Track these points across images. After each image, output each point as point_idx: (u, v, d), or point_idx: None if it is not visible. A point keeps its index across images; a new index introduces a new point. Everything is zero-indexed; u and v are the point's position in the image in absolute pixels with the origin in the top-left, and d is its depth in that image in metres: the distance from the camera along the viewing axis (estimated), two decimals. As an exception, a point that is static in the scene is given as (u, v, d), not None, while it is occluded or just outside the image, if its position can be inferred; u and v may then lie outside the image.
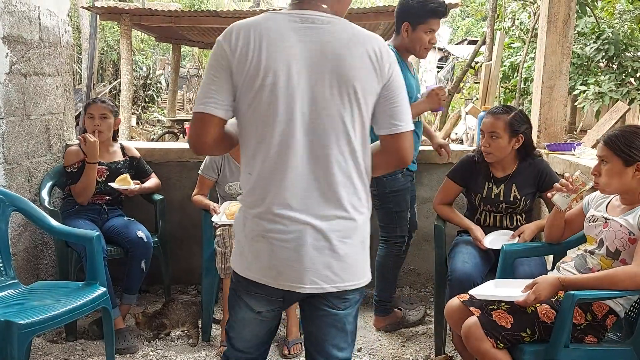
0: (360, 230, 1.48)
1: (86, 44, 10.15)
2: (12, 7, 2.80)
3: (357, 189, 1.45)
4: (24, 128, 2.95)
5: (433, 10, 2.65)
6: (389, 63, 1.44)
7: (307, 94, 1.39)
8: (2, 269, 2.43)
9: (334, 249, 1.42)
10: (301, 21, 1.42)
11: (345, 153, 1.42)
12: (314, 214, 1.41)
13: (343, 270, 1.44)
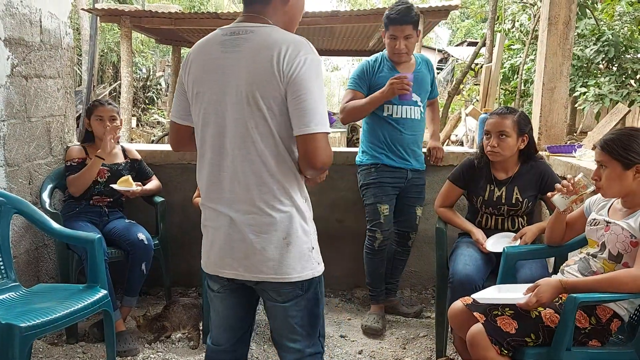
0: (280, 227, 1.54)
1: (86, 45, 10.16)
2: (14, 10, 2.80)
3: (271, 187, 1.54)
4: (25, 130, 2.95)
5: (388, 17, 2.88)
6: (294, 65, 1.46)
7: (221, 103, 1.54)
8: (3, 272, 2.42)
9: (249, 242, 1.55)
10: (230, 34, 1.55)
11: (253, 155, 1.53)
12: (234, 208, 1.56)
13: (261, 262, 1.56)
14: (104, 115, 3.04)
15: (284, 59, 1.46)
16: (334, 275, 3.62)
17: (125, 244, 2.93)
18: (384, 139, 3.00)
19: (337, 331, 3.07)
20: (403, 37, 2.86)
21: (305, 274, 1.58)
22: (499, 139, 2.53)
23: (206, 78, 1.56)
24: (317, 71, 1.50)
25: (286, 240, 1.55)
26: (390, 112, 2.98)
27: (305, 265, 1.58)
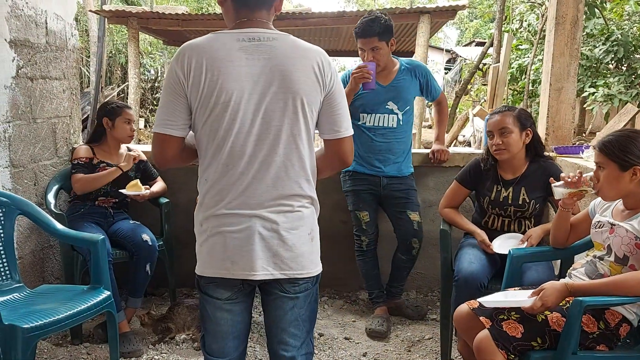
0: (307, 221, 1.61)
1: (94, 47, 10.21)
2: (19, 12, 2.81)
3: (302, 187, 1.60)
4: (31, 131, 2.96)
5: (354, 31, 2.99)
6: (331, 74, 1.59)
7: (258, 109, 1.53)
8: (7, 273, 2.43)
9: (282, 239, 1.56)
10: (248, 40, 1.54)
11: (293, 159, 1.57)
12: (263, 208, 1.56)
13: (292, 259, 1.58)
14: (131, 118, 3.10)
15: (322, 68, 1.57)
16: (339, 277, 3.61)
17: (130, 245, 2.93)
18: (358, 147, 3.03)
19: (341, 333, 3.06)
20: (369, 50, 2.91)
21: (318, 268, 1.66)
22: (502, 136, 2.53)
23: (236, 86, 1.51)
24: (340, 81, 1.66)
25: (311, 235, 1.62)
26: (364, 121, 3.05)
27: (318, 260, 1.67)
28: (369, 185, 3.10)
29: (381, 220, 3.24)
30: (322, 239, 1.72)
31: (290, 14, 8.64)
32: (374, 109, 3.01)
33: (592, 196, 2.15)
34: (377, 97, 2.99)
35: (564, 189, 2.12)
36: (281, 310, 1.64)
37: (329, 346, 2.90)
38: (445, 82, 20.30)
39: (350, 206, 3.17)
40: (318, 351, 2.84)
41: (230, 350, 1.69)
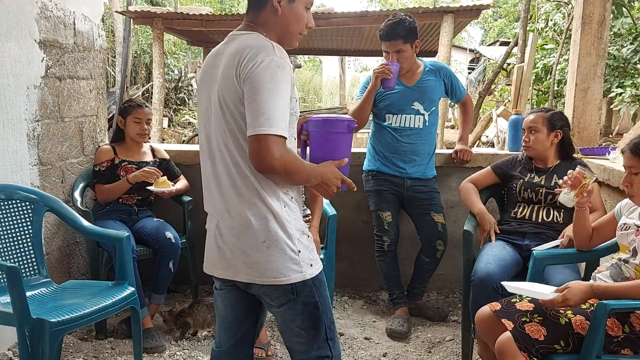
0: (257, 230, 1.54)
1: (120, 47, 10.35)
2: (48, 13, 2.88)
3: (244, 191, 1.55)
4: (58, 130, 3.02)
5: (379, 34, 3.00)
6: (249, 66, 1.46)
7: (207, 111, 1.60)
8: (35, 268, 2.49)
9: (233, 244, 1.58)
10: (224, 42, 1.62)
11: (228, 160, 1.56)
12: (218, 211, 1.61)
13: (247, 265, 1.56)
14: (143, 118, 3.11)
15: (243, 61, 1.47)
16: (359, 277, 3.61)
17: (153, 242, 2.98)
18: (382, 147, 3.10)
19: (361, 333, 3.06)
20: (394, 52, 2.91)
21: (292, 277, 1.55)
22: (530, 134, 2.69)
23: (200, 88, 1.64)
24: (273, 72, 1.45)
25: (266, 244, 1.54)
26: (390, 121, 3.06)
27: (292, 268, 1.55)
28: (392, 186, 3.10)
29: (401, 221, 3.23)
30: (342, 239, 1.72)
31: (313, 13, 8.65)
32: (401, 109, 3.02)
33: (617, 198, 2.12)
34: (403, 98, 3.01)
35: (569, 194, 2.14)
36: (279, 319, 1.67)
37: (349, 346, 2.90)
38: (469, 82, 20.11)
39: (373, 206, 3.17)
40: (338, 350, 2.85)
41: (221, 341, 1.78)
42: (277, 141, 1.43)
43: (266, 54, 1.47)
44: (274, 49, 1.50)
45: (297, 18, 1.62)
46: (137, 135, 3.12)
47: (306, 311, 1.60)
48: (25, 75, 2.71)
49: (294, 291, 1.57)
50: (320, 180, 1.57)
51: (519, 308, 1.99)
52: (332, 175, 1.60)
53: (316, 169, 1.58)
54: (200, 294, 3.41)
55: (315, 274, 1.60)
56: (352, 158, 3.46)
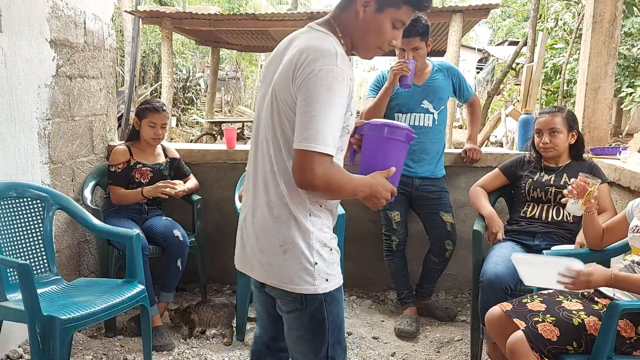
0: (276, 232, 1.49)
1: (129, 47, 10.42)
2: (59, 12, 2.90)
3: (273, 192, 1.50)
4: (69, 129, 3.04)
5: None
6: (308, 72, 1.37)
7: (263, 95, 1.54)
8: (46, 265, 2.51)
9: (251, 240, 1.56)
10: (302, 29, 1.54)
11: (266, 157, 1.51)
12: (248, 206, 1.59)
13: (264, 264, 1.54)
14: (158, 122, 3.10)
15: (301, 65, 1.39)
16: (367, 277, 3.61)
17: (162, 240, 2.99)
18: None
19: (369, 332, 3.05)
20: (411, 50, 2.89)
21: (303, 288, 1.49)
22: (550, 136, 2.65)
23: (267, 69, 1.57)
24: (329, 85, 1.36)
25: (282, 248, 1.49)
26: (400, 120, 3.03)
27: (305, 278, 1.48)
28: (400, 185, 3.06)
29: (410, 220, 3.22)
30: (351, 238, 1.70)
31: (322, 13, 8.65)
32: (410, 108, 3.02)
33: (628, 198, 2.10)
34: (412, 96, 3.00)
35: (577, 204, 2.14)
36: (286, 325, 1.61)
37: (357, 345, 2.90)
38: (477, 82, 20.04)
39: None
40: (346, 350, 2.85)
41: (262, 332, 1.79)
42: (321, 159, 1.36)
43: (325, 62, 1.38)
44: (336, 57, 1.39)
45: (379, 30, 1.49)
46: (150, 140, 3.13)
47: (312, 325, 1.54)
48: (36, 74, 2.73)
49: (303, 302, 1.51)
50: (369, 193, 1.51)
51: (530, 308, 1.98)
52: (382, 187, 1.53)
53: (365, 183, 1.50)
54: (208, 293, 3.42)
55: (329, 290, 1.52)
56: (361, 157, 3.50)
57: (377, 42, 1.51)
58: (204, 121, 12.52)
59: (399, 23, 1.49)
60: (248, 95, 21.88)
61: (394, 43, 1.53)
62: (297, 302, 1.52)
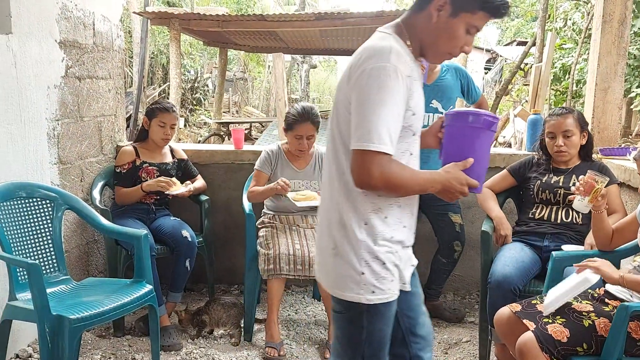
0: (331, 236, 1.49)
1: (137, 48, 10.45)
2: (69, 13, 2.91)
3: (328, 196, 1.53)
4: (78, 129, 3.06)
5: None
6: (360, 71, 1.37)
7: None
8: (55, 265, 2.52)
9: (318, 238, 1.59)
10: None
11: (330, 156, 1.51)
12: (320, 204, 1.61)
13: (320, 262, 1.57)
14: (167, 122, 3.11)
15: (356, 65, 1.39)
16: (376, 277, 3.60)
17: (170, 240, 3.00)
18: None
19: (377, 333, 3.05)
20: None
21: (347, 295, 1.47)
22: (565, 139, 2.62)
23: None
24: (382, 82, 1.34)
25: (334, 251, 1.48)
26: None
27: (350, 286, 1.46)
28: None
29: (418, 221, 3.19)
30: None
31: (329, 14, 8.65)
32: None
33: (638, 198, 2.08)
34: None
35: (583, 201, 2.14)
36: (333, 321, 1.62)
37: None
38: (485, 82, 19.96)
39: None
40: (354, 350, 2.84)
41: None
42: (377, 158, 1.34)
43: (378, 60, 1.36)
44: (390, 54, 1.36)
45: (451, 35, 1.45)
46: (159, 140, 3.14)
47: (348, 330, 1.53)
48: (45, 75, 2.75)
49: (346, 307, 1.49)
50: (441, 188, 1.47)
51: (540, 309, 1.97)
52: (457, 181, 1.48)
53: (435, 179, 1.47)
54: (216, 292, 3.43)
55: (375, 303, 1.46)
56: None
57: (448, 48, 1.48)
58: (212, 122, 12.55)
59: (473, 29, 1.45)
60: (256, 96, 21.91)
61: (465, 49, 1.49)
62: (342, 305, 1.51)
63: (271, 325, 2.78)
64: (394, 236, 1.49)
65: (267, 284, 2.80)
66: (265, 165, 2.97)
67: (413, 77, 1.42)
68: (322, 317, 3.17)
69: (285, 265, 2.71)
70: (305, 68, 18.48)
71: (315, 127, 2.88)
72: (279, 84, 8.41)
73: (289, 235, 2.85)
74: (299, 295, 3.52)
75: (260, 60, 21.01)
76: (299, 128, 2.84)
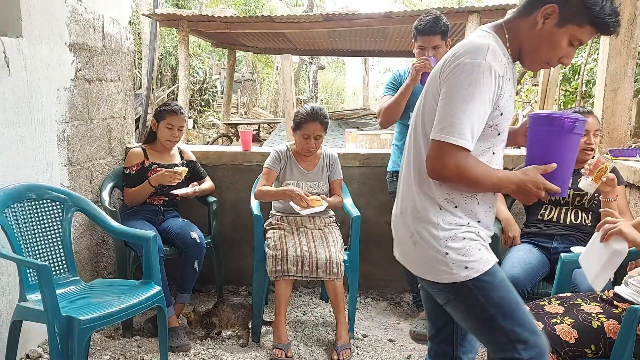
0: (407, 224, 1.54)
1: (146, 50, 10.51)
2: (78, 16, 2.94)
3: (410, 183, 1.56)
4: (87, 131, 3.08)
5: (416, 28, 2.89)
6: (454, 65, 1.40)
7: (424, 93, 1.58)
8: (65, 267, 2.54)
9: (394, 231, 1.65)
10: None
11: (411, 145, 1.57)
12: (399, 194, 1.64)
13: (402, 253, 1.62)
14: (175, 124, 3.13)
15: (450, 60, 1.42)
16: (383, 279, 3.60)
17: (179, 242, 3.01)
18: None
19: (385, 335, 3.04)
20: (431, 48, 2.88)
21: (443, 277, 1.48)
22: (594, 138, 2.62)
23: None
24: (474, 79, 1.35)
25: (412, 239, 1.52)
26: None
27: (440, 268, 1.47)
28: None
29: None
30: (366, 240, 1.72)
31: (337, 15, 8.65)
32: None
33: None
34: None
35: (588, 180, 2.25)
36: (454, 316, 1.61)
37: (373, 347, 2.89)
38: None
39: None
40: (361, 352, 2.84)
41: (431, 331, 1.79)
42: (454, 151, 1.36)
43: (474, 56, 1.37)
44: (487, 52, 1.37)
45: (554, 45, 1.44)
46: (166, 141, 3.16)
47: (472, 313, 1.50)
48: (55, 78, 2.77)
49: (450, 290, 1.49)
50: (516, 188, 1.46)
51: (548, 310, 1.96)
52: (533, 185, 1.46)
53: (511, 179, 1.45)
54: (224, 293, 3.44)
55: (474, 277, 1.46)
56: (376, 159, 3.50)
57: (548, 57, 1.47)
58: (221, 123, 12.59)
59: (577, 42, 1.44)
60: (264, 97, 21.95)
61: (564, 60, 1.47)
62: (446, 292, 1.50)
63: (279, 327, 2.79)
64: (470, 222, 1.51)
65: (275, 285, 2.81)
66: (275, 164, 2.98)
67: (506, 77, 1.41)
68: (330, 319, 3.17)
69: (292, 266, 2.72)
70: (314, 69, 18.49)
71: (323, 127, 2.89)
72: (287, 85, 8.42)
73: (297, 237, 2.85)
74: (306, 297, 3.53)
75: (269, 61, 21.05)
76: (307, 127, 2.86)
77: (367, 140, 6.57)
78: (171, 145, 3.20)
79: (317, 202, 2.79)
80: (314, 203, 2.79)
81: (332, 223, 3.03)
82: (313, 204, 2.78)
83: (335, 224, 3.04)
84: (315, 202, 2.80)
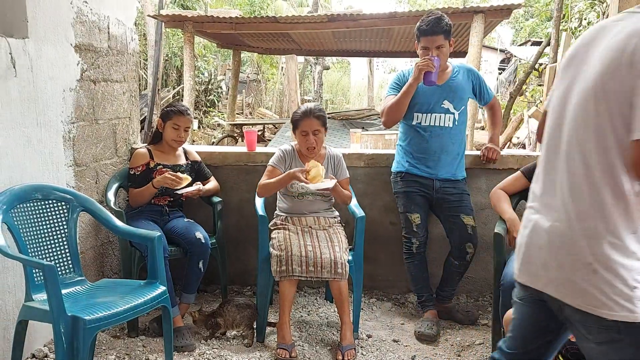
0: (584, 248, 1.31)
1: (152, 50, 10.55)
2: (84, 17, 2.95)
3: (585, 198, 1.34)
4: (93, 132, 3.10)
5: (419, 29, 2.93)
6: None
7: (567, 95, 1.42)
8: (70, 266, 2.55)
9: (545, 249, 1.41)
10: (616, 17, 1.37)
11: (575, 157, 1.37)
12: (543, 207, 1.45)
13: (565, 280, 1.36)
14: (181, 125, 3.14)
15: (635, 49, 1.22)
16: (387, 279, 3.59)
17: (183, 242, 3.02)
18: (411, 147, 3.07)
19: (390, 335, 3.04)
20: (435, 48, 2.88)
21: (618, 314, 1.27)
22: None
23: (566, 67, 1.43)
24: None
25: (592, 267, 1.29)
26: (419, 120, 3.02)
27: (620, 302, 1.27)
28: (421, 188, 3.07)
29: (430, 222, 3.20)
30: (371, 240, 1.69)
31: (342, 15, 8.66)
32: (430, 108, 3.00)
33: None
34: (433, 96, 2.99)
35: None
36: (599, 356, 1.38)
37: (377, 348, 2.89)
38: (499, 83, 19.83)
39: (401, 208, 3.14)
40: (366, 352, 2.84)
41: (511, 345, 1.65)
42: None
43: None
44: None
45: None
46: (172, 142, 3.17)
47: (609, 352, 1.33)
48: (61, 79, 2.79)
49: (620, 330, 1.29)
50: None
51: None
52: None
53: None
54: (229, 294, 3.45)
55: None
56: (381, 159, 3.51)
57: None
58: (226, 123, 12.62)
59: None
60: (269, 98, 21.99)
61: None
62: (613, 330, 1.30)
63: (283, 327, 2.79)
64: None
65: (279, 286, 2.81)
66: (280, 162, 2.99)
67: None
68: (334, 319, 3.17)
69: (297, 266, 2.72)
70: (318, 69, 18.51)
71: (319, 122, 2.90)
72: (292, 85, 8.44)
73: (301, 237, 2.86)
74: (311, 297, 3.53)
75: (274, 61, 21.09)
76: (303, 124, 2.89)
77: (371, 140, 6.57)
78: (177, 146, 3.21)
79: (316, 170, 2.78)
80: (314, 172, 2.78)
81: (337, 223, 3.03)
82: (314, 174, 2.78)
83: (340, 224, 3.04)
84: (315, 171, 2.78)
